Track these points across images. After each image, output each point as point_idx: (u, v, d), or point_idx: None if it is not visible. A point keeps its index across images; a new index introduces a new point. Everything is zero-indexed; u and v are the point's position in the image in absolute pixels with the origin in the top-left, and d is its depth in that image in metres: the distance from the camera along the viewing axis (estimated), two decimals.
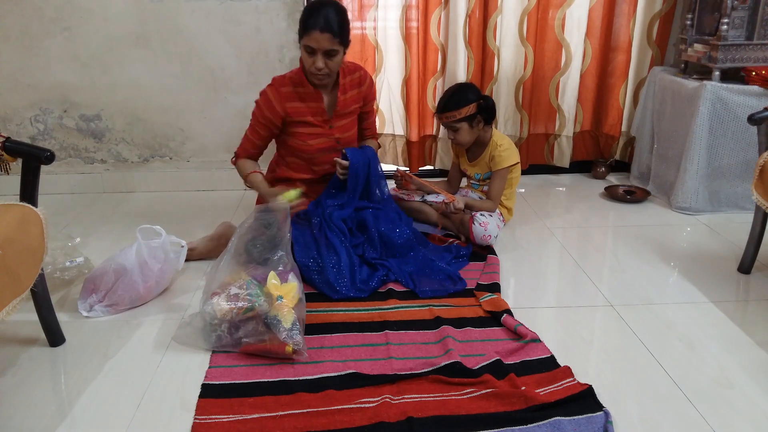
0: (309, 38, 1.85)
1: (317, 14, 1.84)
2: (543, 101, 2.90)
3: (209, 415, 1.33)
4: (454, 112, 2.17)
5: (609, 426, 1.27)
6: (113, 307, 1.76)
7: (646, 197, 2.67)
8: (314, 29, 1.83)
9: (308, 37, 1.85)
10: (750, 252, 1.97)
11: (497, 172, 2.24)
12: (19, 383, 1.46)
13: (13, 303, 1.28)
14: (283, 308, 1.55)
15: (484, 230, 2.10)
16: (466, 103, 2.17)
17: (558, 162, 3.00)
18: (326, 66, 1.89)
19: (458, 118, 2.17)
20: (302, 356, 1.52)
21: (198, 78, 2.71)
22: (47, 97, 2.71)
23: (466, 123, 2.19)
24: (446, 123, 2.22)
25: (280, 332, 1.51)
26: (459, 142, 2.24)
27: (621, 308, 1.78)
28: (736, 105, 2.35)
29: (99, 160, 2.83)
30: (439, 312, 1.73)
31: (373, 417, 1.31)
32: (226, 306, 1.55)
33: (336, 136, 2.08)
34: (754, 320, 1.73)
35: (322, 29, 1.83)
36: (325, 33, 1.83)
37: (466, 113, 2.16)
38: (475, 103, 2.17)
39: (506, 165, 2.23)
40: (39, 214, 1.41)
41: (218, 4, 2.60)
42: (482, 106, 2.19)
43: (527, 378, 1.43)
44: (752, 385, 1.43)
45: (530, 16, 2.70)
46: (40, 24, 2.59)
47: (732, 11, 2.32)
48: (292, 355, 1.51)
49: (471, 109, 2.17)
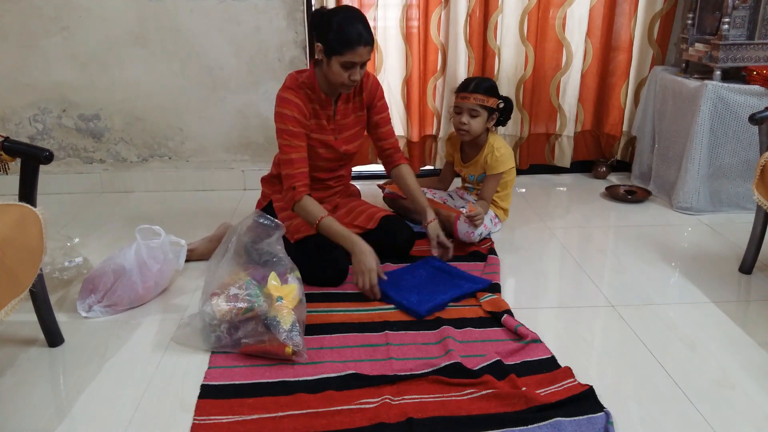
0: (354, 54, 1.76)
1: (355, 27, 1.76)
2: (544, 101, 2.89)
3: (208, 415, 1.32)
4: (484, 96, 2.13)
5: (610, 426, 1.27)
6: (112, 308, 1.76)
7: (647, 197, 2.66)
8: (359, 45, 1.75)
9: (353, 53, 1.76)
10: (751, 252, 1.96)
11: (492, 175, 2.21)
12: (18, 383, 1.45)
13: (12, 303, 1.28)
14: (282, 309, 1.54)
15: (468, 226, 2.08)
16: (496, 94, 2.17)
17: (559, 162, 2.99)
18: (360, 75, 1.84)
19: (485, 104, 2.14)
20: (302, 357, 1.51)
21: (197, 77, 2.71)
22: (46, 97, 2.70)
23: (487, 113, 2.16)
24: (469, 104, 2.14)
25: (279, 333, 1.50)
26: (470, 129, 2.16)
27: (622, 308, 1.77)
28: (737, 104, 2.34)
29: (98, 160, 2.83)
30: (440, 312, 1.73)
31: (373, 418, 1.30)
32: (225, 306, 1.54)
33: (342, 148, 2.02)
34: (755, 320, 1.72)
35: (366, 43, 1.77)
36: (368, 46, 1.78)
37: (491, 104, 2.15)
38: (499, 100, 2.17)
39: (502, 170, 2.20)
40: (38, 214, 1.41)
41: (217, 4, 2.60)
42: (504, 107, 2.20)
43: (528, 378, 1.43)
44: (753, 386, 1.42)
45: (531, 16, 2.70)
46: (38, 23, 2.58)
47: (733, 11, 2.32)
48: (292, 357, 1.50)
49: (495, 102, 2.16)
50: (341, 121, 2.01)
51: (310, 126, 1.93)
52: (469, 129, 2.17)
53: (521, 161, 2.96)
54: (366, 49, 1.79)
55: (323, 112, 1.97)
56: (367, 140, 2.89)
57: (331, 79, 1.86)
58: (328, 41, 1.79)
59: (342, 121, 2.01)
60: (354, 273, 1.82)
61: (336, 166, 2.08)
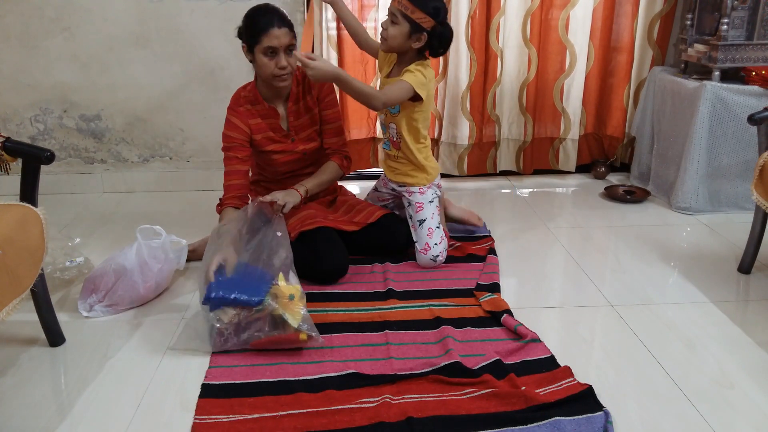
0: (269, 37, 1.80)
1: (266, 15, 1.83)
2: (547, 104, 2.88)
3: (209, 415, 1.33)
4: (410, 4, 1.83)
5: (609, 426, 1.27)
6: (113, 307, 1.76)
7: (646, 197, 2.67)
8: (272, 27, 1.80)
9: (268, 36, 1.80)
10: (750, 252, 1.97)
11: (399, 81, 1.88)
12: (19, 383, 1.46)
13: (13, 303, 1.28)
14: (294, 307, 1.54)
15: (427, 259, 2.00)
16: (427, 11, 1.83)
17: (563, 166, 2.97)
18: (288, 63, 1.86)
19: (407, 14, 1.84)
20: (317, 342, 1.53)
21: (198, 78, 2.71)
22: (47, 97, 2.71)
23: (409, 27, 1.85)
24: (391, 8, 1.88)
25: (291, 327, 1.51)
26: (385, 38, 1.90)
27: (621, 308, 1.78)
28: (736, 105, 2.35)
29: (99, 160, 2.83)
30: (439, 312, 1.73)
31: (373, 417, 1.31)
32: (232, 311, 1.54)
33: (300, 148, 2.03)
34: (754, 320, 1.73)
35: (279, 25, 1.81)
36: (283, 28, 1.82)
37: (418, 18, 1.83)
38: (435, 22, 1.85)
39: (408, 81, 1.86)
40: (39, 214, 1.41)
41: (218, 4, 2.60)
42: (437, 31, 1.86)
43: (527, 378, 1.43)
44: (752, 386, 1.43)
45: (534, 17, 2.69)
46: (40, 24, 2.59)
47: (732, 11, 2.33)
48: (307, 343, 1.51)
49: (427, 21, 1.84)
50: (295, 122, 2.02)
51: (256, 141, 1.97)
52: (385, 37, 1.91)
53: (525, 166, 2.96)
54: (281, 30, 1.82)
55: (270, 121, 1.98)
56: (367, 145, 2.91)
57: (263, 75, 1.88)
58: (246, 36, 1.87)
59: (296, 122, 2.02)
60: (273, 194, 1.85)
61: (300, 167, 2.08)
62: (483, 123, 2.86)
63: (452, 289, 1.87)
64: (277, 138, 2.00)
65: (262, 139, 1.98)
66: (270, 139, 1.99)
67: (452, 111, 2.80)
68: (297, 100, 2.01)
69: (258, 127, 1.97)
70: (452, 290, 1.87)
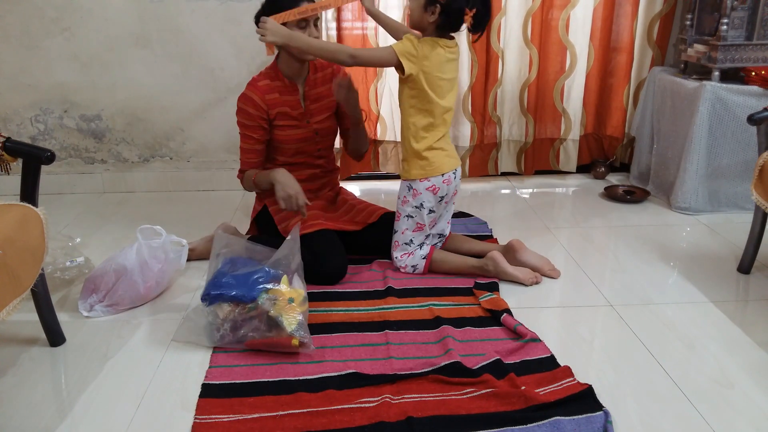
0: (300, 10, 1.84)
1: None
2: (548, 104, 2.88)
3: (209, 414, 1.33)
4: None
5: (609, 426, 1.27)
6: (113, 307, 1.76)
7: (645, 197, 2.67)
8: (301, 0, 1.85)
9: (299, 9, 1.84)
10: (749, 252, 1.97)
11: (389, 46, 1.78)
12: (19, 383, 1.46)
13: (14, 303, 1.28)
14: (290, 310, 1.54)
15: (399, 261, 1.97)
16: None
17: (564, 167, 2.97)
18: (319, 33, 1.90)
19: None
20: (309, 349, 1.53)
21: (198, 78, 2.71)
22: (47, 97, 2.71)
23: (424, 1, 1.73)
24: None
25: (284, 329, 1.51)
26: (408, 14, 1.84)
27: (621, 308, 1.78)
28: (735, 105, 2.35)
29: (99, 160, 2.83)
30: (439, 312, 1.73)
31: (373, 417, 1.31)
32: (227, 306, 1.55)
33: (314, 128, 2.07)
34: (753, 320, 1.73)
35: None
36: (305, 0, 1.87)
37: None
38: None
39: (393, 47, 1.76)
40: (39, 214, 1.41)
41: (218, 4, 2.60)
42: (449, 4, 1.72)
43: (527, 378, 1.43)
44: (752, 385, 1.43)
45: (534, 18, 2.69)
46: (40, 24, 2.59)
47: (731, 11, 2.33)
48: (299, 349, 1.51)
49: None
50: (311, 105, 2.05)
51: (271, 115, 1.99)
52: (409, 11, 1.83)
53: (526, 167, 2.96)
54: (309, 3, 1.87)
55: (287, 98, 2.00)
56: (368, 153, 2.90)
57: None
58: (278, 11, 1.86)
59: (312, 105, 2.05)
60: (279, 199, 1.87)
61: (311, 150, 2.09)
62: (484, 124, 2.86)
63: (451, 288, 1.87)
64: (293, 114, 2.02)
65: (277, 114, 2.00)
66: (285, 115, 2.01)
67: (454, 112, 2.79)
68: (316, 86, 2.05)
69: (275, 101, 1.99)
70: (451, 288, 1.87)
